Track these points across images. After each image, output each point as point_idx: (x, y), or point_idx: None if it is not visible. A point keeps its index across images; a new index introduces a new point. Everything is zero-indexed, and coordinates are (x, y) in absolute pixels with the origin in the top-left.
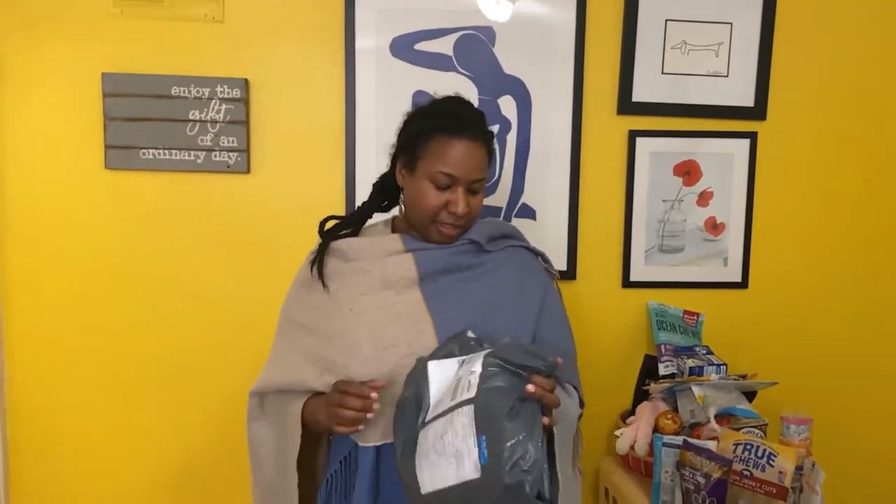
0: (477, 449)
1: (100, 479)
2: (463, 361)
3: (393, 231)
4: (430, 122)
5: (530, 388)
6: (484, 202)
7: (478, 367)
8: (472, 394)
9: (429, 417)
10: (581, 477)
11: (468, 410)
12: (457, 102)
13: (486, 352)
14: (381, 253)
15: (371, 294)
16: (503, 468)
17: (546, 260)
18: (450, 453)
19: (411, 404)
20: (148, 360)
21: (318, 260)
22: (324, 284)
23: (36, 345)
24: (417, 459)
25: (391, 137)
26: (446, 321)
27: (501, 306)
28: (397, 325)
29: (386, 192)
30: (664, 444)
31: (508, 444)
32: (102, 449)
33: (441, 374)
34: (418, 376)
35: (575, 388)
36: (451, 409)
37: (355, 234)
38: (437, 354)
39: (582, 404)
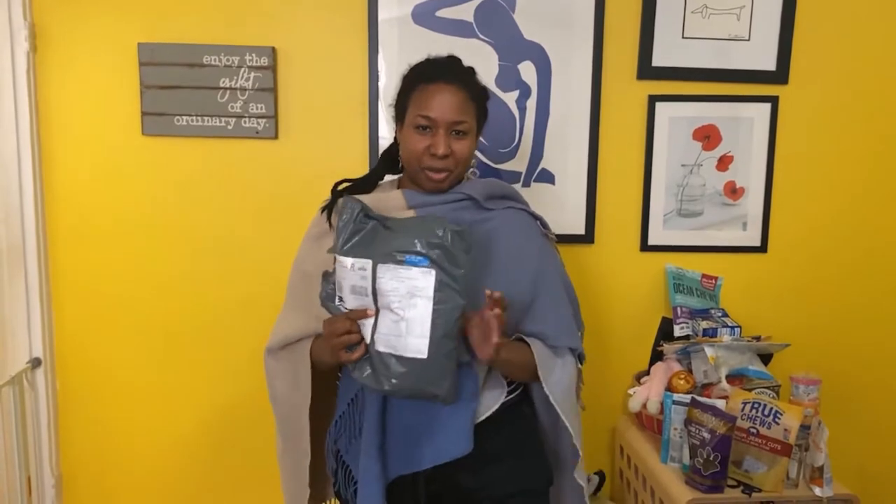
0: (413, 267)
1: (143, 428)
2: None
3: (399, 188)
4: (412, 76)
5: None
6: (503, 167)
7: (363, 264)
8: (370, 267)
9: (370, 325)
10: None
11: (383, 270)
12: (441, 57)
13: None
14: (385, 209)
15: None
16: (437, 241)
17: (545, 225)
18: (406, 308)
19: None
20: (183, 315)
21: (330, 207)
22: (330, 225)
23: (81, 300)
24: (395, 348)
25: None
26: None
27: (497, 267)
28: None
29: (393, 156)
30: (674, 402)
31: (418, 233)
32: (144, 399)
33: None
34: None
35: (572, 349)
36: (374, 296)
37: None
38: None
39: (582, 358)
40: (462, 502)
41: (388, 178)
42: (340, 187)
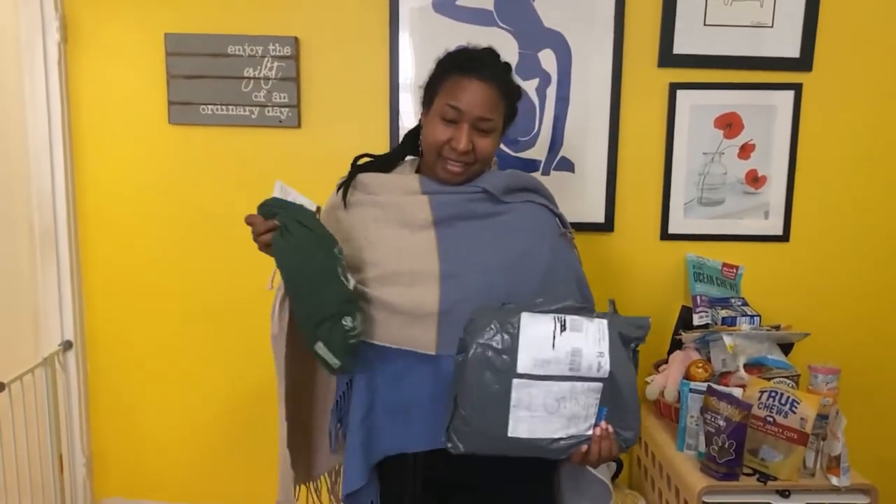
0: (596, 416)
1: (171, 409)
2: (562, 321)
3: (418, 172)
4: (447, 63)
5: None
6: (523, 156)
7: (604, 347)
8: (602, 374)
9: (531, 372)
10: None
11: (597, 387)
12: (481, 49)
13: (604, 322)
14: (400, 191)
15: (387, 228)
16: (620, 432)
17: (563, 223)
18: (564, 415)
19: (496, 351)
20: (209, 300)
21: (346, 185)
22: (345, 204)
23: (110, 285)
24: (513, 409)
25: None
26: (452, 264)
27: (508, 262)
28: (403, 259)
29: (416, 138)
30: (690, 391)
31: (629, 415)
32: (172, 380)
33: (533, 327)
34: (510, 326)
35: None
36: (575, 380)
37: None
38: (531, 306)
39: None
40: (460, 488)
41: (408, 158)
42: (360, 162)
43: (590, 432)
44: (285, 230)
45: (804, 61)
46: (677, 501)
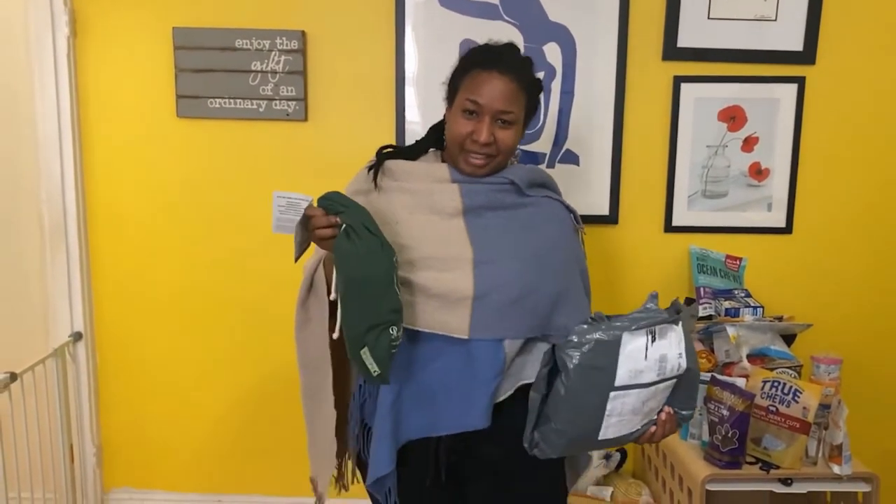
0: (662, 404)
1: (179, 400)
2: (653, 333)
3: (443, 162)
4: (468, 60)
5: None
6: (528, 148)
7: (682, 347)
8: (681, 371)
9: (626, 383)
10: None
11: (673, 383)
12: (502, 44)
13: (680, 325)
14: (429, 178)
15: (418, 214)
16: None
17: (577, 219)
18: (644, 412)
19: (597, 368)
20: (215, 292)
21: (375, 168)
22: (375, 185)
23: (119, 277)
24: (606, 417)
25: (439, 85)
26: (484, 250)
27: (535, 251)
28: (437, 244)
29: (440, 132)
30: None
31: (691, 396)
32: (180, 372)
33: (631, 343)
34: (611, 346)
35: None
36: (659, 382)
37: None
38: (628, 325)
39: None
40: (480, 473)
41: (431, 150)
42: (385, 152)
43: (656, 416)
44: (352, 233)
45: (807, 55)
46: (681, 490)
